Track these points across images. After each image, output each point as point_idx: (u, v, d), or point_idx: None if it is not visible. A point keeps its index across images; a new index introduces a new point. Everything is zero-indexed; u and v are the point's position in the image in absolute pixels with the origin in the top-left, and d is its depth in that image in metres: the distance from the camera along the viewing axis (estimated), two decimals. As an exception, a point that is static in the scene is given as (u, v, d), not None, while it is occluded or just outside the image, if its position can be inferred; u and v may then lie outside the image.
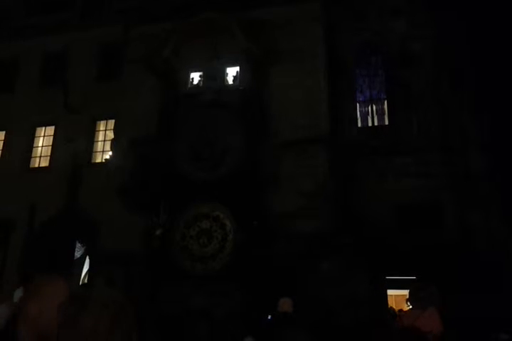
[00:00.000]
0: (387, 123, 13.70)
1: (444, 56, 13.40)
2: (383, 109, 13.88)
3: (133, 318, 1.69)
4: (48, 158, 16.21)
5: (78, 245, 14.29)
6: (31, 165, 16.40)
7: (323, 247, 11.36)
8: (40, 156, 16.46)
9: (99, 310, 1.61)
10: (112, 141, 14.51)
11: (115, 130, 15.08)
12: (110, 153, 14.22)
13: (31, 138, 16.69)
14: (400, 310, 10.84)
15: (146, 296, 11.29)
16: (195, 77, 14.10)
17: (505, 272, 10.56)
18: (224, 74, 13.85)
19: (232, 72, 13.82)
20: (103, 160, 14.79)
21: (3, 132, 17.02)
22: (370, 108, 13.97)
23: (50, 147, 16.34)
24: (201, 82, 14.03)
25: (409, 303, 4.76)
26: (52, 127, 16.52)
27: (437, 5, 13.61)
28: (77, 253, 14.24)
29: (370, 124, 13.89)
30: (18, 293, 5.70)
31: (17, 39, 17.24)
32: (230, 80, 13.78)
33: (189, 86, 14.08)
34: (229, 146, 12.78)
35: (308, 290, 10.60)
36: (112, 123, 15.78)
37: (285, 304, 6.63)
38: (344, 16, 14.32)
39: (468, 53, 13.32)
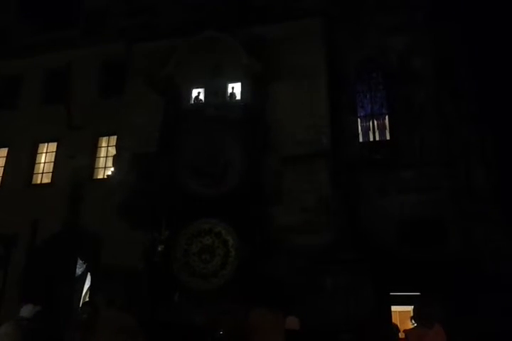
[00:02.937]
0: (388, 138, 13.71)
1: (444, 71, 13.46)
2: (384, 123, 13.91)
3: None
4: (50, 174, 16.23)
5: (79, 261, 14.20)
6: (33, 182, 16.41)
7: (327, 262, 11.28)
8: (43, 172, 16.47)
9: (109, 335, 1.59)
10: (114, 156, 14.54)
11: (117, 146, 15.10)
12: (112, 169, 14.24)
13: (33, 154, 16.72)
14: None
15: (147, 313, 11.18)
16: (197, 92, 14.19)
17: (508, 286, 10.45)
18: (226, 90, 13.93)
19: (233, 87, 13.90)
20: (105, 176, 14.81)
21: (6, 149, 17.06)
22: (371, 123, 13.99)
23: (53, 163, 16.36)
24: (203, 98, 14.11)
25: (413, 321, 4.67)
26: (55, 143, 16.57)
27: (437, 21, 13.74)
28: (79, 270, 14.15)
29: (371, 139, 13.89)
30: (24, 310, 5.65)
31: (20, 56, 17.41)
32: (231, 96, 13.85)
33: (191, 102, 14.15)
34: (231, 161, 12.79)
35: (312, 305, 10.50)
36: (113, 139, 15.80)
37: (292, 322, 6.59)
38: (345, 33, 14.44)
39: (469, 68, 13.40)
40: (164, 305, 11.56)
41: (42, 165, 16.65)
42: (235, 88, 13.91)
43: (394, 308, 11.82)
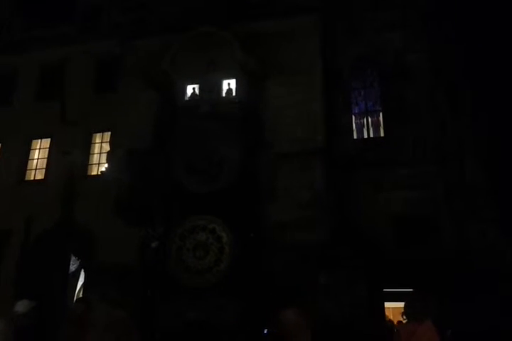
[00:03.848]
0: (382, 135, 13.73)
1: (439, 68, 13.48)
2: (378, 120, 13.93)
3: (137, 337, 1.67)
4: (44, 170, 16.15)
5: (73, 258, 14.17)
6: (27, 178, 16.33)
7: (321, 259, 11.31)
8: (36, 169, 16.39)
9: (102, 331, 1.60)
10: (108, 153, 14.49)
11: (111, 142, 15.07)
12: (106, 165, 14.18)
13: (27, 150, 16.64)
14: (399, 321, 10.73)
15: (142, 309, 11.19)
16: (192, 89, 14.16)
17: (503, 283, 10.51)
18: (221, 87, 13.89)
19: (230, 84, 13.86)
20: (99, 173, 14.75)
21: (-1, 144, 16.99)
22: (365, 120, 14.02)
23: (46, 160, 16.28)
24: (198, 95, 14.07)
25: (405, 317, 4.67)
26: (48, 139, 16.49)
27: (431, 18, 13.76)
28: (72, 267, 14.12)
29: (365, 136, 13.92)
30: (20, 305, 5.61)
31: (15, 52, 17.31)
32: (228, 92, 13.82)
33: (186, 98, 14.11)
34: (225, 158, 12.77)
35: (306, 302, 10.51)
36: (108, 135, 15.77)
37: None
38: (340, 29, 14.44)
39: (464, 65, 13.42)
40: (160, 301, 11.57)
41: (35, 161, 16.57)
42: (231, 84, 13.88)
43: (387, 304, 11.88)
